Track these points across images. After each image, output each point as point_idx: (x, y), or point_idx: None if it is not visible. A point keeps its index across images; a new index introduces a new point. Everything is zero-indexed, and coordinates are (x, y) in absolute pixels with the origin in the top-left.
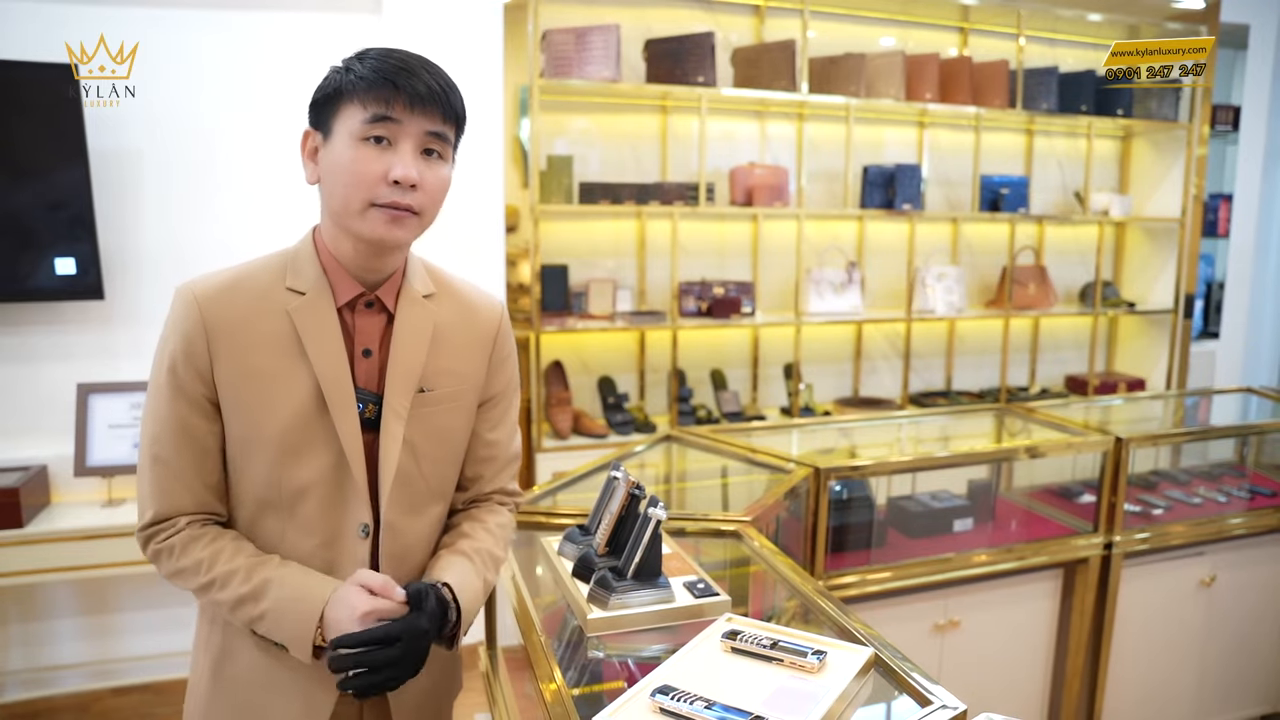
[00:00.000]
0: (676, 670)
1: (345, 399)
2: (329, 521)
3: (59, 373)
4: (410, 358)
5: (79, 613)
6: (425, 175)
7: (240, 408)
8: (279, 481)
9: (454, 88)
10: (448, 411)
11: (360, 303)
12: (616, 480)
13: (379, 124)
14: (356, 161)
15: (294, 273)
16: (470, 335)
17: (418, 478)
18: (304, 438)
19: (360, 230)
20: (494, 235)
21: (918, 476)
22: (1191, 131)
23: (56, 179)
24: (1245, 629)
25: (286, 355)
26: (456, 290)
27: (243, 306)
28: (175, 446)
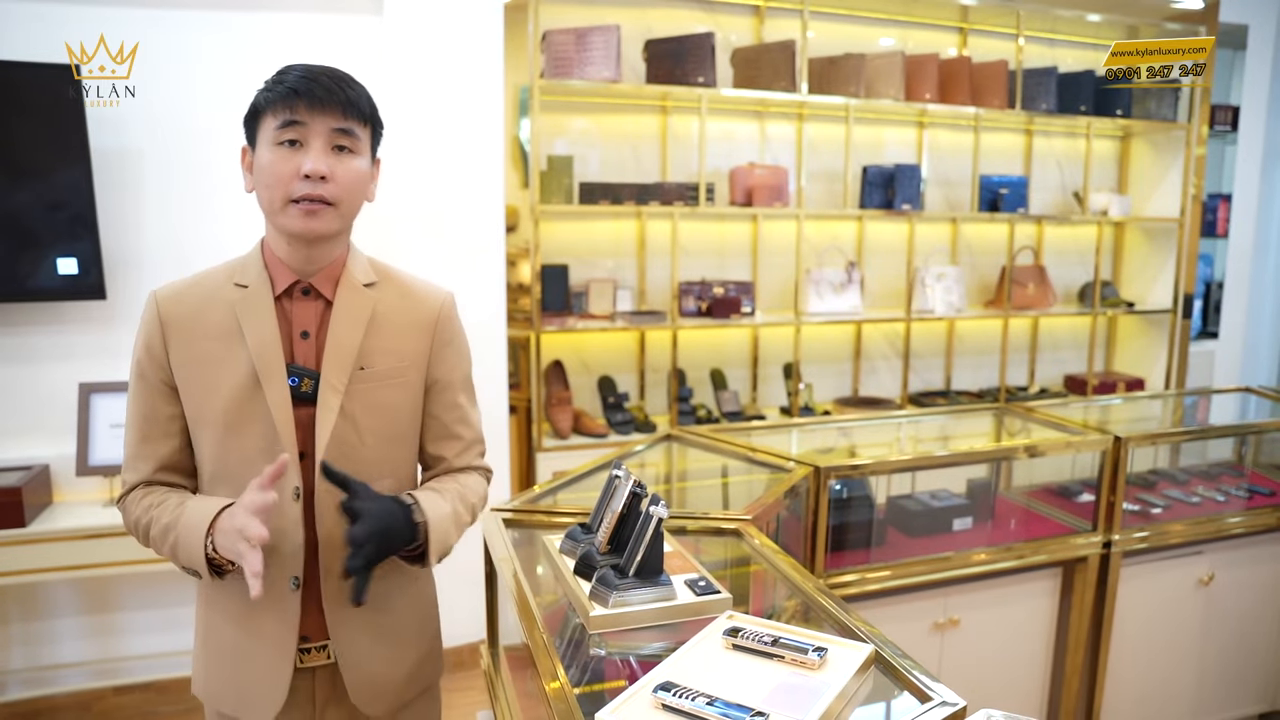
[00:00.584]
0: (678, 667)
1: (275, 372)
2: None
3: (61, 372)
4: (347, 338)
5: (80, 612)
6: (336, 168)
7: (190, 390)
8: (225, 454)
9: (356, 88)
10: (388, 388)
11: (297, 290)
12: (618, 479)
13: (288, 128)
14: (273, 164)
15: (240, 272)
16: (410, 319)
17: (360, 448)
18: (243, 413)
19: (284, 225)
20: (494, 235)
21: (917, 476)
22: (1190, 131)
23: (58, 179)
24: (1243, 628)
25: (228, 341)
26: (400, 280)
27: (194, 303)
28: (141, 429)
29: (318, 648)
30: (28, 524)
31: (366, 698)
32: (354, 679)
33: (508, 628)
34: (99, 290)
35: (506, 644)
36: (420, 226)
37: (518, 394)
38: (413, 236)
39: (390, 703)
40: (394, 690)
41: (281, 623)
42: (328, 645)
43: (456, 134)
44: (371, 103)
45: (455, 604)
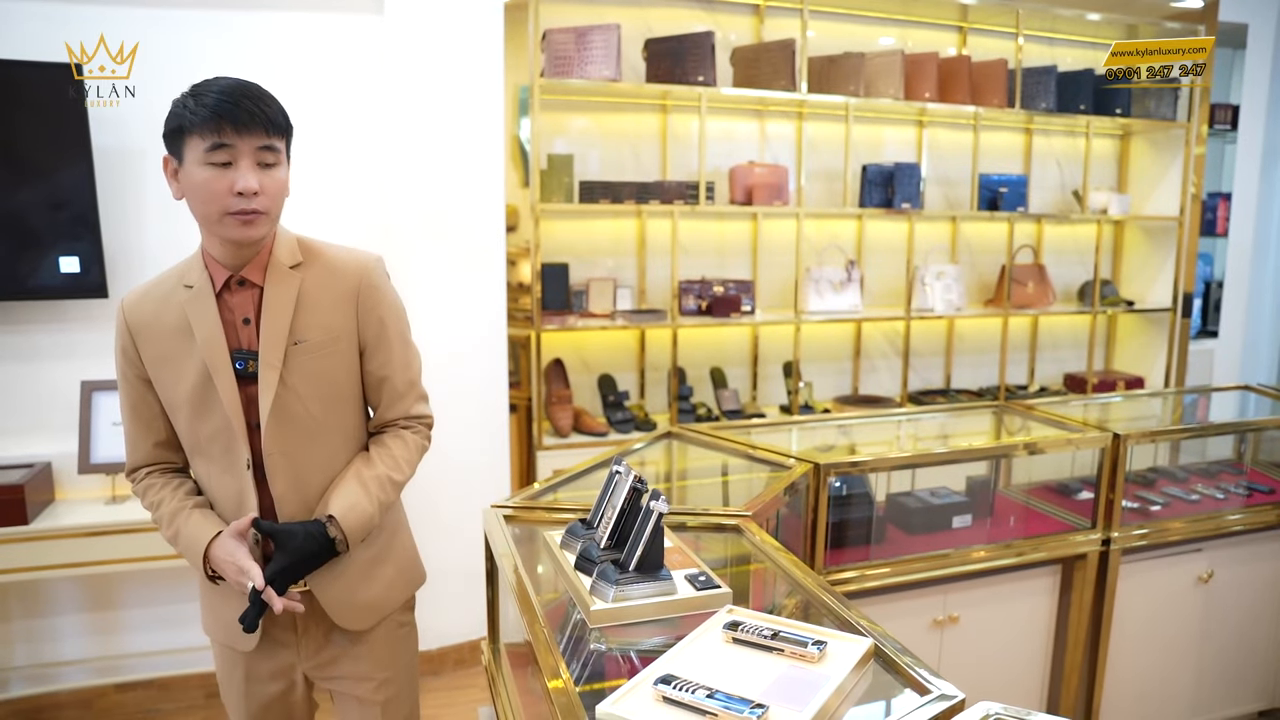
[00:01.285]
0: (679, 660)
1: (221, 361)
2: (229, 459)
3: (63, 370)
4: (278, 318)
5: (83, 609)
6: (264, 182)
7: (160, 383)
8: (195, 433)
9: (274, 106)
10: (324, 357)
11: (233, 283)
12: (619, 474)
13: (218, 150)
14: (207, 183)
15: (187, 273)
16: (335, 293)
17: (305, 415)
18: (203, 400)
19: (222, 233)
20: (494, 234)
21: (917, 473)
22: (1190, 130)
23: (60, 178)
24: (1242, 625)
25: (182, 340)
26: (325, 256)
27: (152, 308)
28: (130, 417)
29: None
30: (30, 521)
31: (346, 616)
32: (331, 603)
33: (508, 624)
34: (101, 289)
35: (507, 641)
36: (421, 226)
37: (518, 392)
38: (413, 236)
39: (371, 617)
40: (372, 606)
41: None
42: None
43: (457, 133)
44: (286, 115)
45: (455, 601)
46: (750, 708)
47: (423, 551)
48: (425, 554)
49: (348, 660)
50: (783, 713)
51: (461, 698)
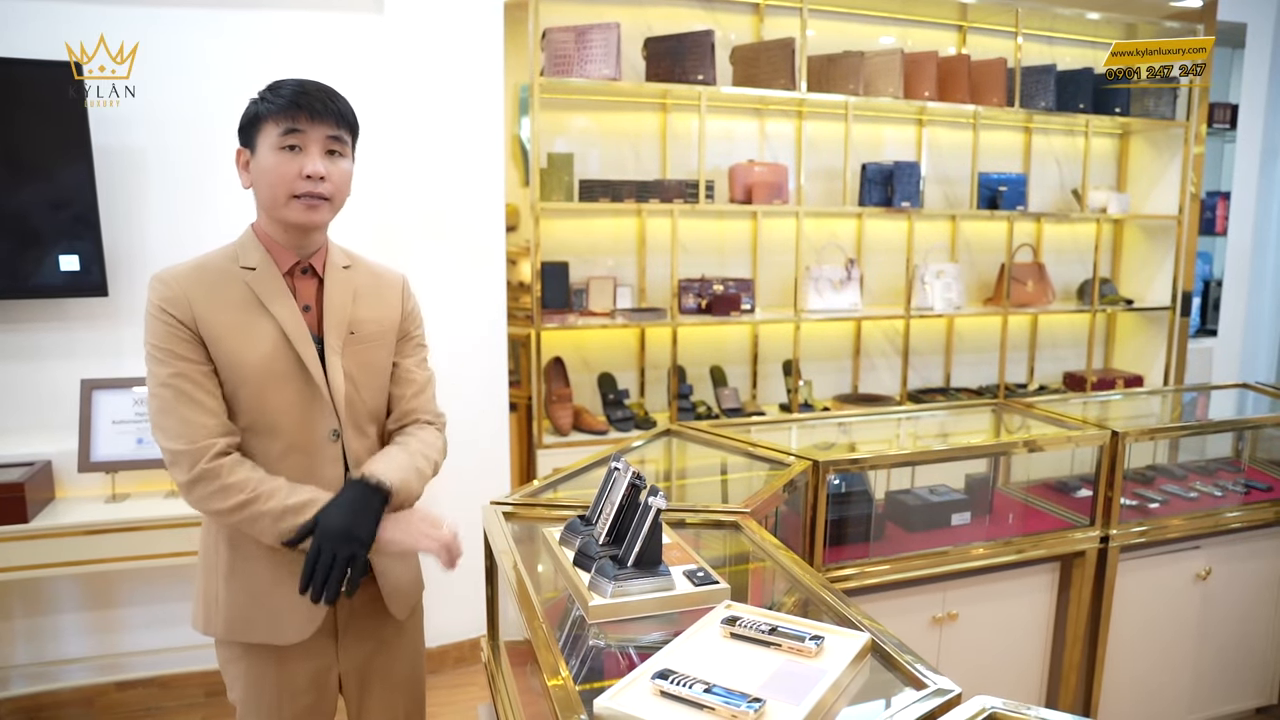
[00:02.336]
0: (677, 655)
1: (304, 337)
2: (305, 433)
3: (63, 369)
4: (340, 308)
5: (83, 607)
6: (331, 169)
7: (223, 352)
8: (262, 406)
9: (344, 102)
10: (373, 349)
11: (298, 270)
12: (617, 471)
13: (290, 135)
14: (277, 165)
15: (243, 255)
16: (383, 293)
17: (358, 400)
18: (276, 370)
19: (287, 217)
20: (495, 233)
21: (916, 471)
22: (1189, 130)
23: (60, 176)
24: (1240, 623)
25: (251, 312)
26: (367, 264)
27: (208, 282)
28: (179, 398)
29: None
30: (30, 520)
31: (398, 603)
32: (389, 589)
33: (508, 621)
34: (101, 287)
35: (506, 638)
36: (421, 225)
37: (518, 391)
38: (413, 235)
39: (410, 604)
40: (413, 592)
41: None
42: None
43: (457, 132)
44: (354, 113)
45: (454, 599)
46: (747, 702)
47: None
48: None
49: (384, 654)
50: (780, 707)
51: (461, 695)
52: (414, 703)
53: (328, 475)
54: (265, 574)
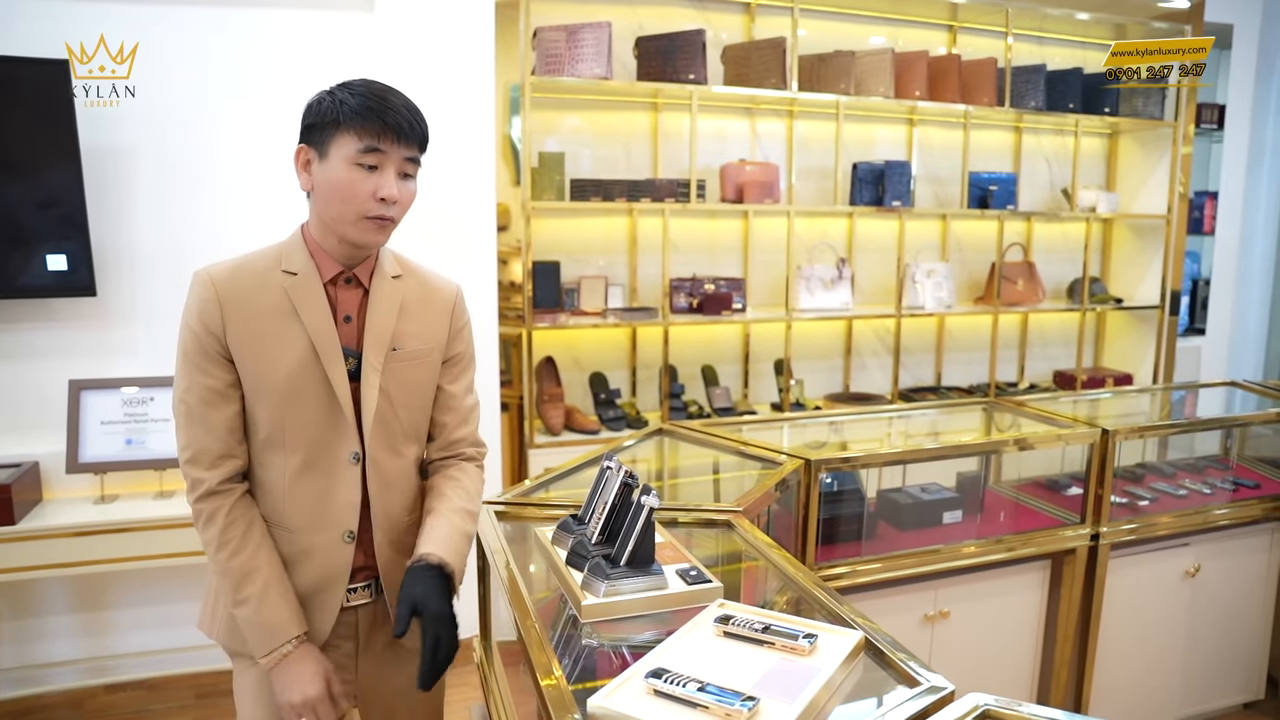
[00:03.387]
0: (670, 654)
1: (333, 352)
2: (324, 452)
3: (51, 369)
4: (383, 323)
5: (71, 609)
6: (402, 192)
7: (249, 362)
8: (282, 422)
9: (424, 121)
10: (415, 367)
11: (341, 279)
12: (610, 470)
13: (370, 154)
14: (352, 183)
15: (287, 259)
16: (432, 307)
17: (394, 420)
18: (300, 385)
19: (351, 236)
20: (486, 233)
21: (908, 469)
22: (1177, 130)
23: (48, 175)
24: (1228, 619)
25: (283, 320)
26: (420, 273)
27: (247, 284)
28: (204, 396)
29: (362, 586)
30: (17, 521)
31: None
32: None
33: (500, 621)
34: (89, 287)
35: (499, 638)
36: (411, 224)
37: (509, 391)
38: (404, 235)
39: None
40: None
41: (333, 569)
42: (370, 584)
43: (448, 131)
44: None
45: None
46: (741, 700)
47: None
48: None
49: (400, 675)
50: (774, 705)
51: (453, 696)
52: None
53: (344, 499)
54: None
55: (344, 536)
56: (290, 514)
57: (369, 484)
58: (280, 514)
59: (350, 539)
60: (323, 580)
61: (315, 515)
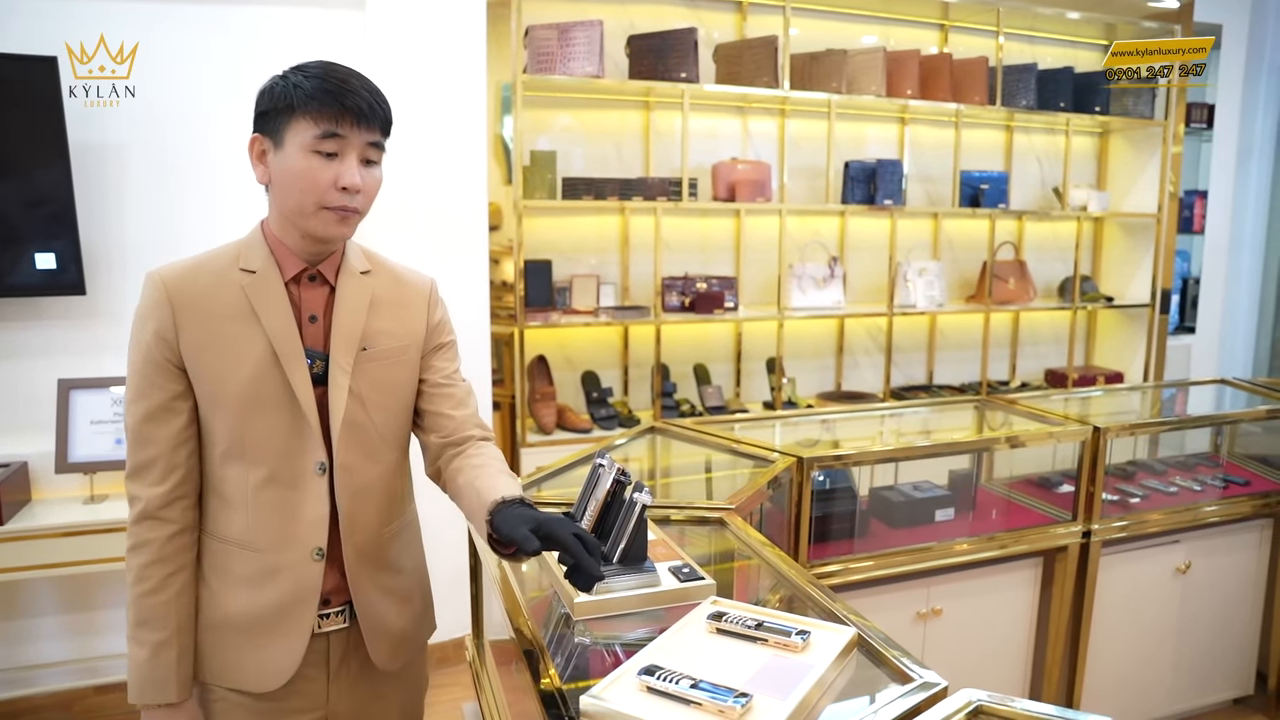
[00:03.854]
0: (663, 651)
1: (295, 354)
2: (288, 463)
3: (40, 368)
4: (350, 322)
5: (61, 610)
6: (366, 179)
7: (205, 370)
8: (241, 432)
9: (387, 102)
10: (390, 366)
11: (304, 277)
12: (602, 467)
13: (329, 140)
14: (309, 171)
15: (246, 256)
16: (405, 303)
17: (368, 424)
18: (260, 391)
19: (313, 228)
20: (478, 232)
21: (900, 467)
22: (1167, 129)
23: (36, 173)
24: (1219, 615)
25: (242, 323)
26: (391, 268)
27: (202, 285)
28: (148, 410)
29: (335, 612)
30: (6, 522)
31: (384, 654)
32: (373, 637)
33: (492, 620)
34: (78, 286)
35: (491, 637)
36: (403, 223)
37: (501, 390)
38: (396, 234)
39: (402, 657)
40: (405, 644)
41: (302, 591)
42: (344, 609)
43: (439, 130)
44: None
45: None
46: (734, 697)
47: None
48: None
49: (377, 705)
50: (767, 701)
51: (445, 695)
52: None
53: (311, 514)
54: (250, 612)
55: (313, 554)
56: (254, 531)
57: (337, 495)
58: (243, 532)
59: (320, 556)
60: (291, 603)
61: (281, 532)
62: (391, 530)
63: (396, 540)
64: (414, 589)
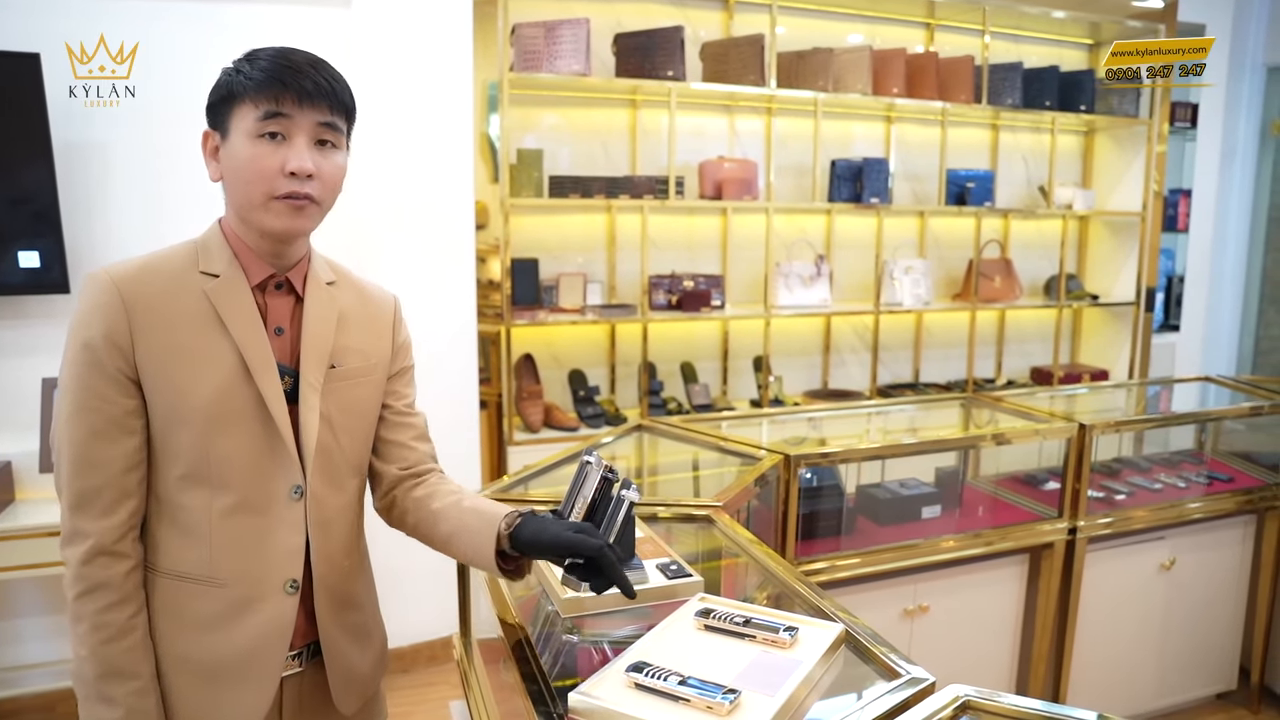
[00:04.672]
0: (650, 648)
1: (267, 367)
2: (259, 488)
3: (23, 367)
4: (321, 335)
5: (45, 611)
6: (321, 164)
7: (164, 382)
8: (206, 453)
9: (341, 81)
10: (357, 386)
11: (271, 284)
12: (589, 464)
13: (271, 120)
14: (254, 159)
15: (205, 258)
16: (371, 321)
17: (335, 449)
18: (229, 407)
19: (264, 222)
20: (464, 230)
21: (887, 465)
22: (1152, 128)
23: (19, 171)
24: (1202, 611)
25: (206, 332)
26: (355, 282)
27: (159, 287)
28: (93, 425)
29: (293, 655)
30: None
31: (347, 697)
32: (338, 679)
33: (480, 618)
34: (62, 285)
35: (479, 635)
36: (390, 222)
37: (488, 388)
38: (382, 233)
39: (362, 697)
40: (367, 684)
41: (274, 628)
42: (301, 653)
43: (426, 128)
44: (352, 93)
45: (425, 598)
46: (723, 693)
47: (392, 550)
48: (394, 553)
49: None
50: (755, 697)
51: (433, 694)
52: None
53: (285, 543)
54: (213, 654)
55: (286, 587)
56: (217, 564)
57: (310, 524)
58: (203, 565)
59: (294, 589)
60: (261, 644)
61: (250, 564)
62: (352, 563)
63: (359, 573)
64: (373, 626)
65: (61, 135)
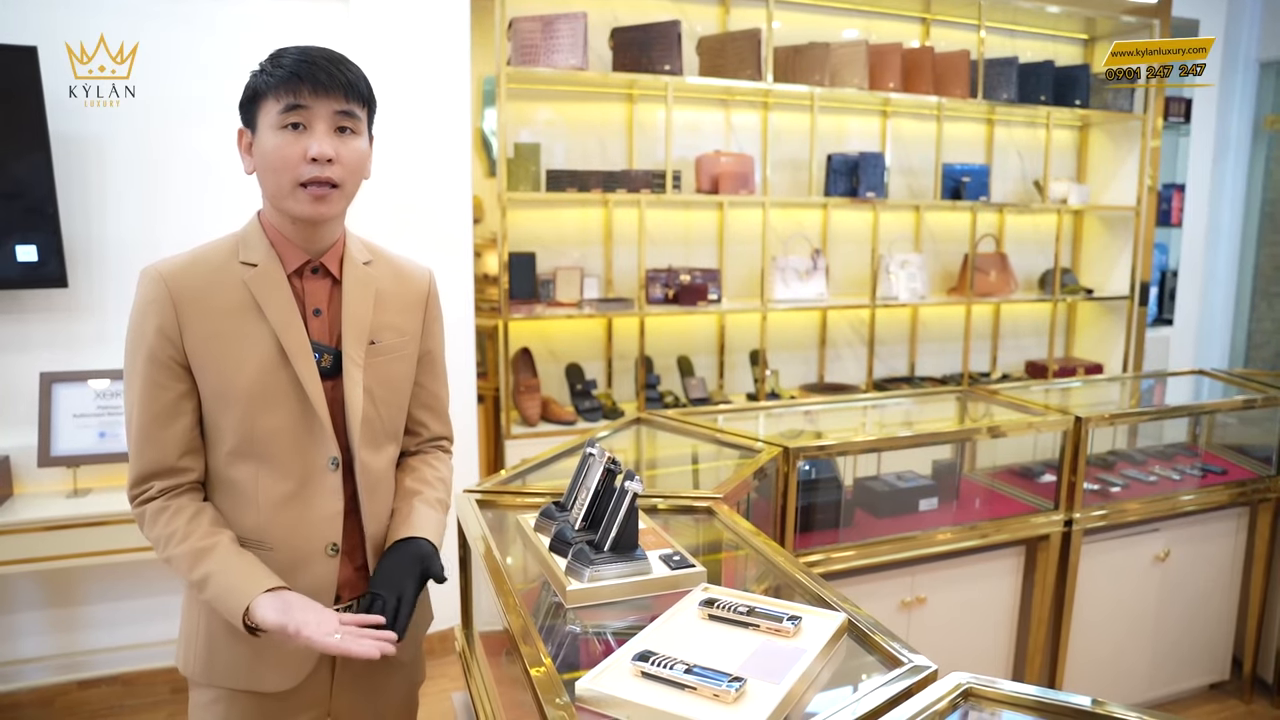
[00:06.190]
0: (656, 637)
1: (302, 349)
2: (300, 460)
3: (21, 362)
4: (360, 314)
5: (44, 605)
6: (340, 150)
7: (210, 366)
8: (250, 430)
9: (356, 72)
10: (394, 360)
11: (307, 269)
12: (592, 456)
13: (292, 112)
14: (279, 148)
15: (245, 249)
16: (406, 297)
17: (375, 419)
18: (269, 388)
19: (291, 209)
20: (462, 225)
21: (883, 457)
22: (1146, 123)
23: (16, 165)
24: (1196, 602)
25: (246, 318)
26: (390, 259)
27: (203, 279)
28: (152, 409)
29: (344, 608)
30: None
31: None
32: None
33: (482, 609)
34: (60, 279)
35: (481, 626)
36: (387, 216)
37: (485, 382)
38: (379, 226)
39: (410, 648)
40: (413, 632)
41: (318, 587)
42: (352, 605)
43: (423, 122)
44: (368, 83)
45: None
46: (728, 681)
47: None
48: None
49: (377, 699)
50: (760, 685)
51: (434, 686)
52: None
53: (324, 509)
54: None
55: (327, 550)
56: (266, 530)
57: (360, 489)
58: (255, 530)
59: (334, 552)
60: None
61: (294, 529)
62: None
63: None
64: None
65: (60, 132)
